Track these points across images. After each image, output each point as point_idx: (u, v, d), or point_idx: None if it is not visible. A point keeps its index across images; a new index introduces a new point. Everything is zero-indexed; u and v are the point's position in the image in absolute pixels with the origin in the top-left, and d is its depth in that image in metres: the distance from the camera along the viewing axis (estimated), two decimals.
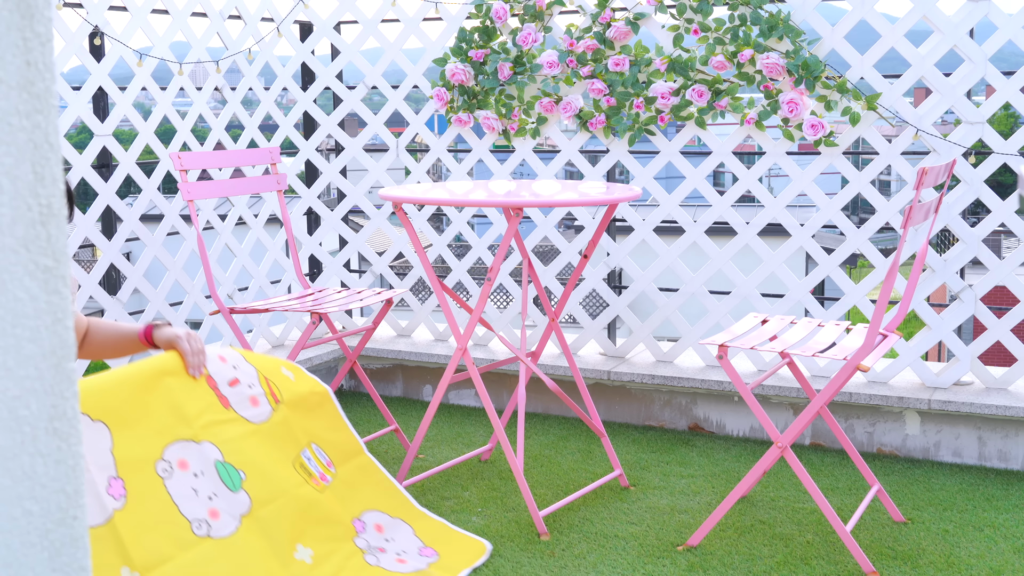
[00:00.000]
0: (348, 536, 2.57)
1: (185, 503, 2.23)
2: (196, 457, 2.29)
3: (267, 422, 2.49)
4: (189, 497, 2.24)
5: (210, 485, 2.30)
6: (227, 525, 2.29)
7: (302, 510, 2.46)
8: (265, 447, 2.45)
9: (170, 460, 2.24)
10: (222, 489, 2.32)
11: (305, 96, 4.25)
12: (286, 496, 2.44)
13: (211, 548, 2.24)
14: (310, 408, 2.63)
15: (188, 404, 2.32)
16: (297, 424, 2.57)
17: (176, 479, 2.23)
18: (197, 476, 2.28)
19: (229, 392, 2.43)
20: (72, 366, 0.83)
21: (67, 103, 3.49)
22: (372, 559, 2.56)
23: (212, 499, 2.29)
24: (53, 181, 0.80)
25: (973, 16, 3.32)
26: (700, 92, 3.62)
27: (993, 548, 2.82)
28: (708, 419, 3.83)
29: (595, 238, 3.25)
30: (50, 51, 0.79)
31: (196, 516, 2.24)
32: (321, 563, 2.45)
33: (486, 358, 4.02)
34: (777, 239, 4.01)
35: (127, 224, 3.68)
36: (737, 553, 2.79)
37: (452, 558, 2.69)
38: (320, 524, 2.51)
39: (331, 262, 4.43)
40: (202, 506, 2.26)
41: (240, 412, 2.43)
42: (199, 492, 2.27)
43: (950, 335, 3.51)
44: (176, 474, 2.24)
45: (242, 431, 2.41)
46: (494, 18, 3.88)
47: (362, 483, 2.69)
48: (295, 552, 2.42)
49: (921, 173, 2.51)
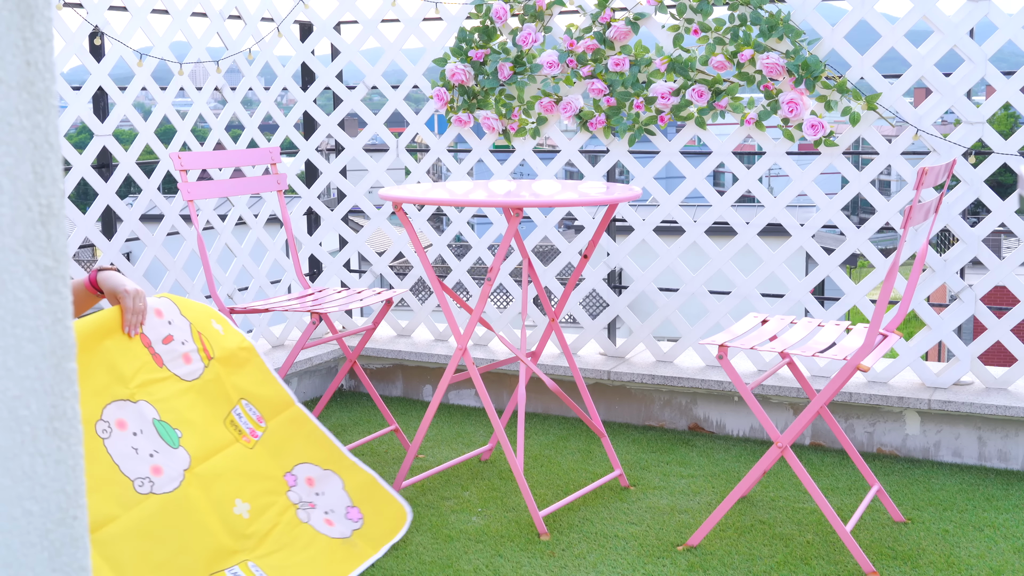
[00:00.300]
0: (281, 490, 2.65)
1: (126, 462, 2.29)
2: (134, 416, 2.35)
3: (199, 379, 2.57)
4: (130, 456, 2.30)
5: (150, 442, 2.36)
6: (171, 480, 2.36)
7: (236, 466, 2.55)
8: (199, 405, 2.53)
9: (108, 420, 2.30)
10: (162, 445, 2.39)
11: (305, 96, 4.26)
12: (221, 453, 2.53)
13: (155, 504, 2.30)
14: (240, 364, 2.71)
15: (124, 364, 2.39)
16: (228, 380, 2.65)
17: (115, 439, 2.29)
18: (136, 435, 2.34)
19: (163, 350, 2.50)
20: (72, 366, 0.83)
21: (67, 103, 3.49)
22: (303, 515, 2.66)
23: (154, 456, 2.35)
24: (53, 181, 0.80)
25: (973, 16, 3.32)
26: (700, 92, 3.62)
27: (993, 548, 2.82)
28: (708, 419, 3.83)
29: (595, 238, 3.25)
30: (50, 51, 0.79)
31: (138, 474, 2.30)
32: (257, 517, 2.53)
33: (486, 358, 4.02)
34: (777, 239, 4.01)
35: (127, 224, 3.68)
36: (737, 553, 2.79)
37: (375, 527, 2.78)
38: (254, 479, 2.59)
39: (331, 262, 4.43)
40: (144, 463, 2.32)
41: (173, 370, 2.50)
42: (140, 450, 2.33)
43: (950, 335, 3.51)
44: (115, 434, 2.30)
45: (176, 389, 2.49)
46: (494, 18, 3.88)
47: (293, 435, 2.77)
48: (234, 507, 2.51)
49: (921, 173, 2.51)
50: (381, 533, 2.79)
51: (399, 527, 2.84)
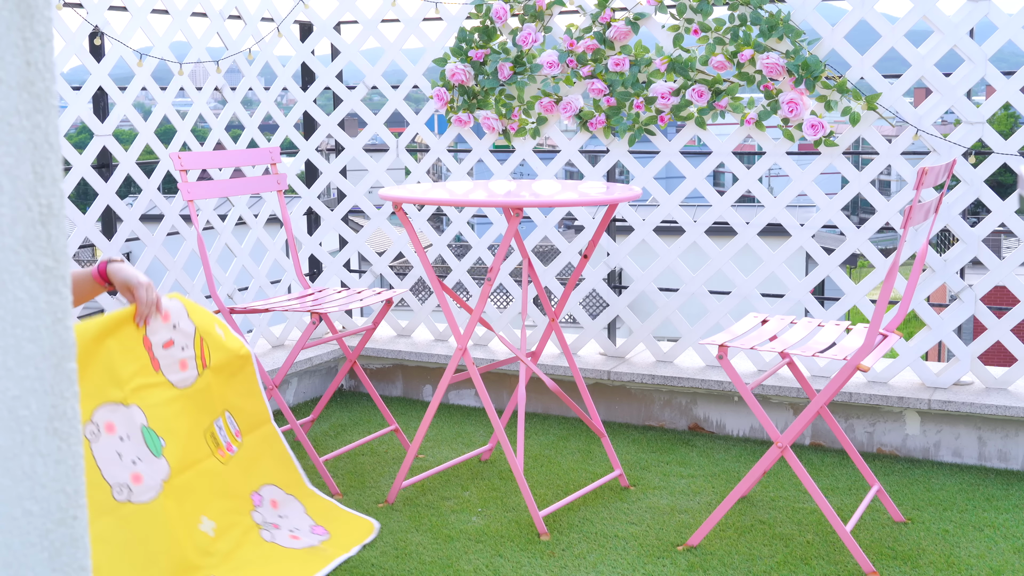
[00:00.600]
0: (246, 509, 2.66)
1: (108, 467, 2.26)
2: (124, 420, 2.32)
3: (190, 387, 2.54)
4: (113, 461, 2.27)
5: (135, 449, 2.33)
6: (148, 490, 2.33)
7: (208, 482, 2.54)
8: (184, 415, 2.51)
9: (98, 423, 2.27)
10: (146, 453, 2.36)
11: (305, 96, 4.26)
12: (197, 467, 2.51)
13: (129, 513, 2.28)
14: (232, 372, 2.70)
15: (122, 365, 2.36)
16: (217, 391, 2.63)
17: (102, 442, 2.26)
18: (123, 440, 2.31)
19: (161, 354, 2.48)
20: (72, 366, 0.83)
21: (67, 103, 3.49)
22: (267, 535, 2.66)
23: (136, 463, 2.32)
24: (53, 181, 0.80)
25: (973, 16, 3.32)
26: (700, 92, 3.62)
27: (993, 548, 2.82)
28: (708, 419, 3.83)
29: (595, 238, 3.25)
30: (50, 51, 0.79)
31: (118, 480, 2.27)
32: (222, 536, 2.53)
33: (486, 358, 4.02)
34: (777, 239, 4.01)
35: (127, 224, 3.68)
36: (737, 553, 2.79)
37: (343, 537, 2.81)
38: (222, 497, 2.58)
39: (331, 262, 4.43)
40: (125, 470, 2.29)
41: (168, 376, 2.48)
42: (123, 456, 2.30)
43: (950, 335, 3.51)
44: (103, 437, 2.27)
45: (167, 396, 2.46)
46: (494, 18, 3.88)
47: (263, 454, 2.78)
48: (200, 524, 2.50)
49: (921, 173, 2.51)
50: (350, 541, 2.82)
51: (367, 535, 2.88)
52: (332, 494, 3.23)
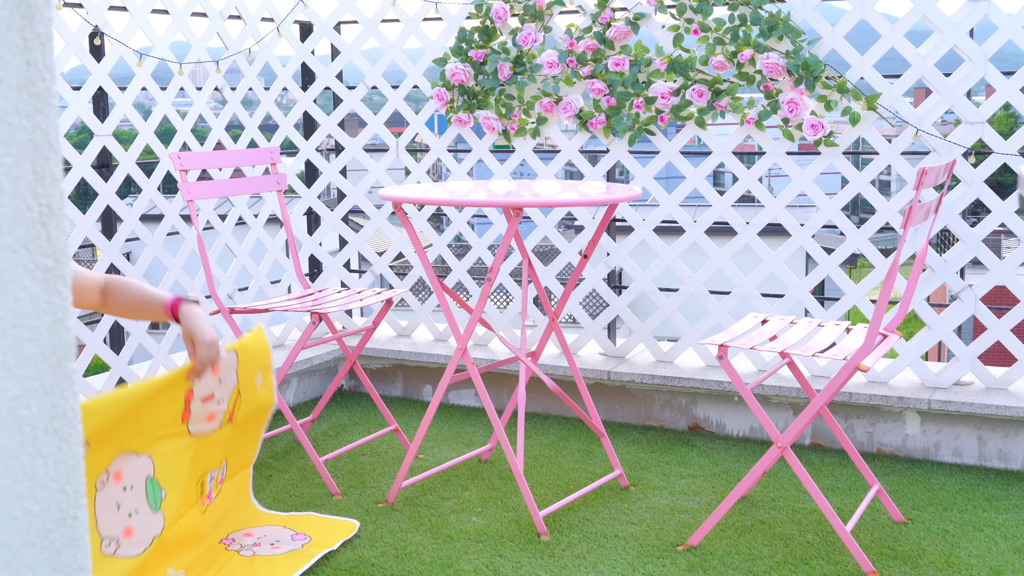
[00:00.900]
0: (220, 550, 2.67)
1: (105, 518, 2.20)
2: (132, 469, 2.24)
3: (204, 437, 2.43)
4: (110, 512, 2.20)
5: (135, 501, 2.26)
6: (137, 545, 2.27)
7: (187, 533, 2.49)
8: (190, 463, 2.41)
9: (110, 471, 2.19)
10: (144, 506, 2.28)
11: (305, 96, 4.26)
12: (183, 518, 2.47)
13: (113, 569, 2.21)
14: (248, 422, 2.60)
15: (156, 416, 2.26)
16: (226, 443, 2.55)
17: (107, 492, 2.19)
18: (125, 490, 2.24)
19: (197, 408, 2.37)
20: (72, 366, 0.83)
21: (67, 103, 3.49)
22: (248, 552, 2.69)
23: (132, 516, 2.25)
24: (53, 181, 0.80)
25: (973, 16, 3.32)
26: (700, 92, 3.63)
27: (993, 548, 2.82)
28: (708, 419, 3.83)
29: (595, 238, 3.25)
30: (50, 51, 0.79)
31: (109, 533, 2.21)
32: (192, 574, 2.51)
33: (486, 358, 4.02)
34: (777, 239, 4.01)
35: (127, 224, 3.68)
36: (737, 553, 2.79)
37: (324, 536, 2.86)
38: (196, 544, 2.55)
39: (331, 262, 4.43)
40: (119, 523, 2.22)
41: (190, 427, 2.38)
42: (121, 507, 2.23)
43: (950, 335, 3.51)
44: (108, 486, 2.19)
45: (180, 445, 2.36)
46: (494, 18, 3.88)
47: (233, 501, 2.75)
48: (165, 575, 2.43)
49: (921, 173, 2.51)
50: (332, 540, 2.86)
51: (350, 532, 2.91)
52: (332, 494, 3.23)
